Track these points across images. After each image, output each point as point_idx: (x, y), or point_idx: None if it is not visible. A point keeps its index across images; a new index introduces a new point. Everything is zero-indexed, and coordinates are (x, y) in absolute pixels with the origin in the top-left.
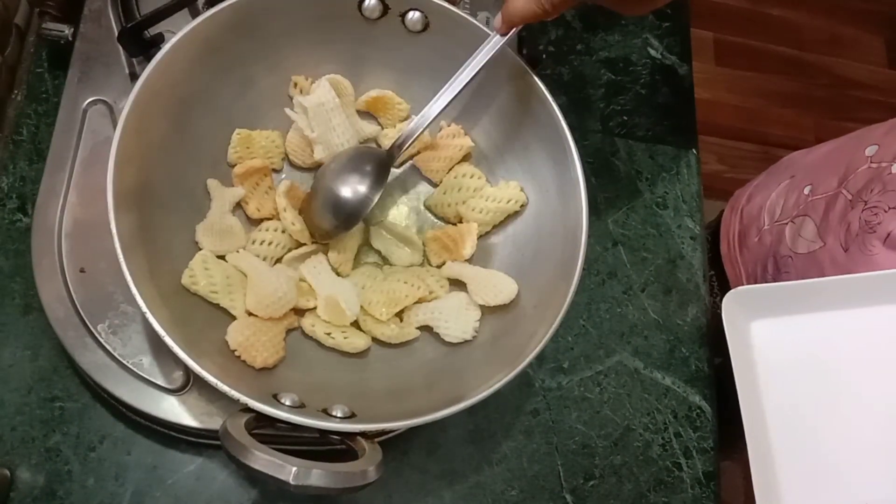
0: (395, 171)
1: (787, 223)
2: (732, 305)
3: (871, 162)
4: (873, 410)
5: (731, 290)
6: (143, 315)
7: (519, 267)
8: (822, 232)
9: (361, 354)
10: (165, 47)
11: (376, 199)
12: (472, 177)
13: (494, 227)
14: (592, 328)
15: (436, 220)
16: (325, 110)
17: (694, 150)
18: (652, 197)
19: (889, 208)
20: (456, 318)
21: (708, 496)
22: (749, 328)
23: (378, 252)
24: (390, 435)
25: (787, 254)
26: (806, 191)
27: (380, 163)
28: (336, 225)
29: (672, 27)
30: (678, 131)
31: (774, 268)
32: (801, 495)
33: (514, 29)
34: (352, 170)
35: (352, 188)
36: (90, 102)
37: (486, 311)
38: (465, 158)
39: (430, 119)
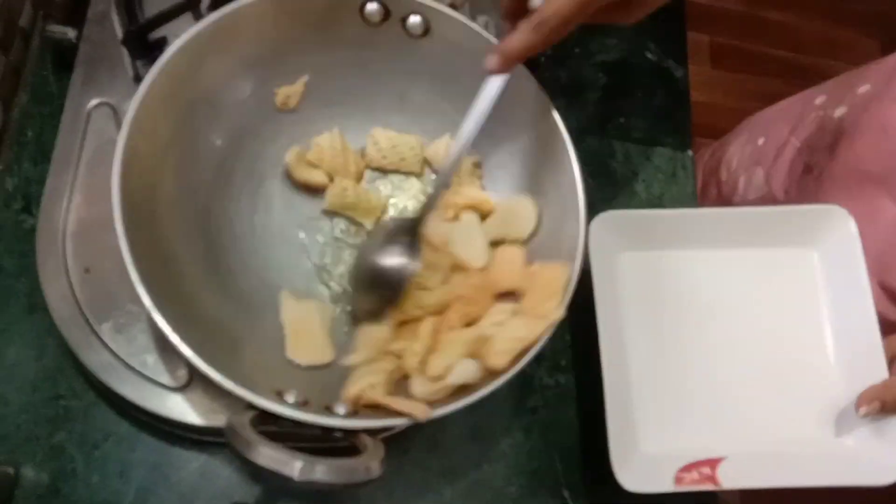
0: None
1: (741, 175)
2: (600, 232)
3: (818, 110)
4: (733, 356)
5: (599, 215)
6: (147, 314)
7: None
8: (768, 178)
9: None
10: (169, 50)
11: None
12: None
13: None
14: None
15: None
16: None
17: (689, 153)
18: (648, 198)
19: (825, 146)
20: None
21: (706, 492)
22: (616, 259)
23: None
24: (391, 432)
25: (740, 203)
26: (760, 142)
27: (411, 231)
28: (379, 300)
29: (668, 30)
30: (674, 133)
31: None
32: (656, 439)
33: (510, 67)
34: (387, 244)
35: (391, 259)
36: (94, 104)
37: None
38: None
39: (445, 176)
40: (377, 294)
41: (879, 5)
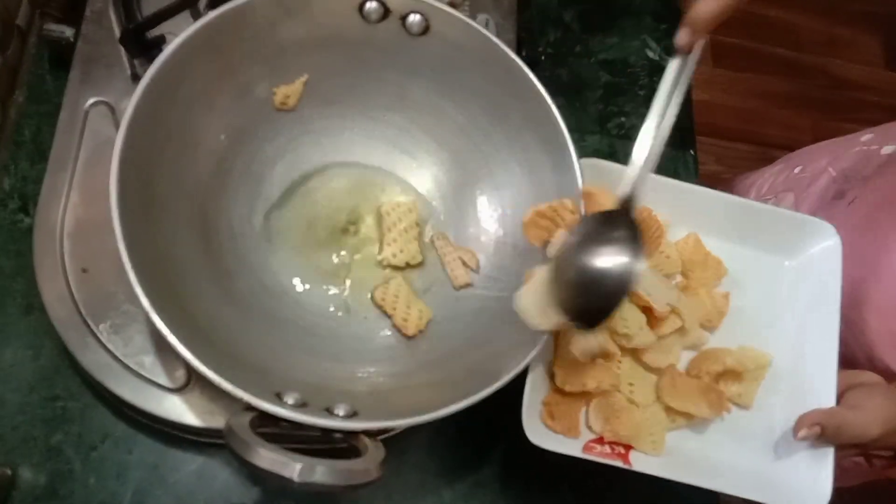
0: None
1: (770, 198)
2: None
3: (864, 146)
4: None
5: (583, 160)
6: (145, 314)
7: (518, 267)
8: (798, 203)
9: (370, 352)
10: (167, 49)
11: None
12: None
13: None
14: None
15: None
16: None
17: (692, 151)
18: None
19: (863, 177)
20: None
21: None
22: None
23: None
24: (391, 434)
25: None
26: (796, 171)
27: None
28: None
29: (669, 29)
30: (676, 132)
31: None
32: None
33: (699, 42)
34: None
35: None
36: (92, 103)
37: (485, 313)
38: None
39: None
40: (592, 298)
41: (880, 4)
